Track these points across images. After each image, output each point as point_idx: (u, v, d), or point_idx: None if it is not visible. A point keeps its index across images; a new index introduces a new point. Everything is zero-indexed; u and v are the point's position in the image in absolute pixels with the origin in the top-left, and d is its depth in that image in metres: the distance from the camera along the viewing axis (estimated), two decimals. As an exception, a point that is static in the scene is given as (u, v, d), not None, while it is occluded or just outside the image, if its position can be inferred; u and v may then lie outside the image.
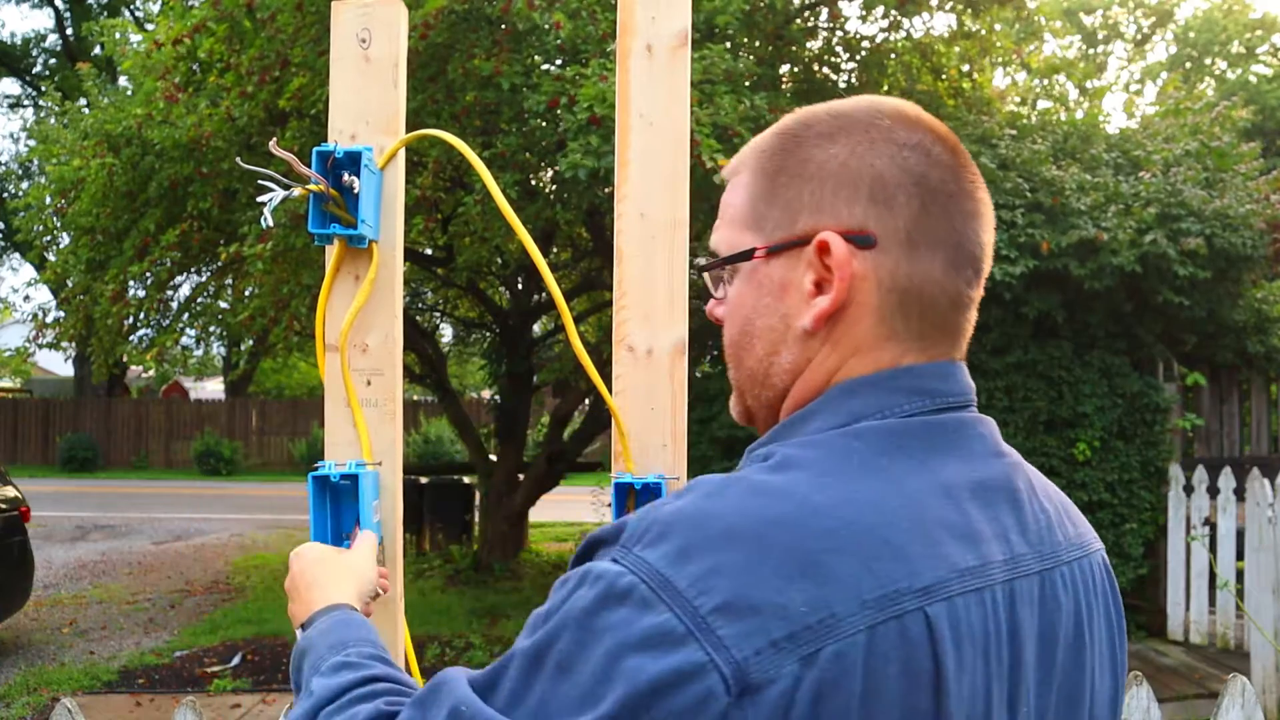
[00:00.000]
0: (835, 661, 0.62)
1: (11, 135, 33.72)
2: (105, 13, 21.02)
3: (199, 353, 12.83)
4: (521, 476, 8.82)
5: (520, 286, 9.24)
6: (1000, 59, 7.12)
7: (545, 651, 0.65)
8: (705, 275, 0.86)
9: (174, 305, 8.09)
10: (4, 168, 22.61)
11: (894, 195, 0.74)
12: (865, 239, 0.74)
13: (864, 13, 6.49)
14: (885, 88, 6.57)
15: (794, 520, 0.65)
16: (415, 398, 19.49)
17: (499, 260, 8.33)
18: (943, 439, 0.74)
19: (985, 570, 0.70)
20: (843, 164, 0.76)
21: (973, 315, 0.79)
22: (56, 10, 22.86)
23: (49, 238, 8.15)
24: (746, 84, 5.46)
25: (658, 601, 0.62)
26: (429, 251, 8.45)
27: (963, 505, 0.71)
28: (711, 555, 0.63)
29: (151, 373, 24.10)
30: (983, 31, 6.64)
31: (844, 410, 0.74)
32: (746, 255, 0.79)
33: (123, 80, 9.58)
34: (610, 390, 1.24)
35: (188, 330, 8.36)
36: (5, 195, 21.26)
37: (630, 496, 1.20)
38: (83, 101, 8.55)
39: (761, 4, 5.61)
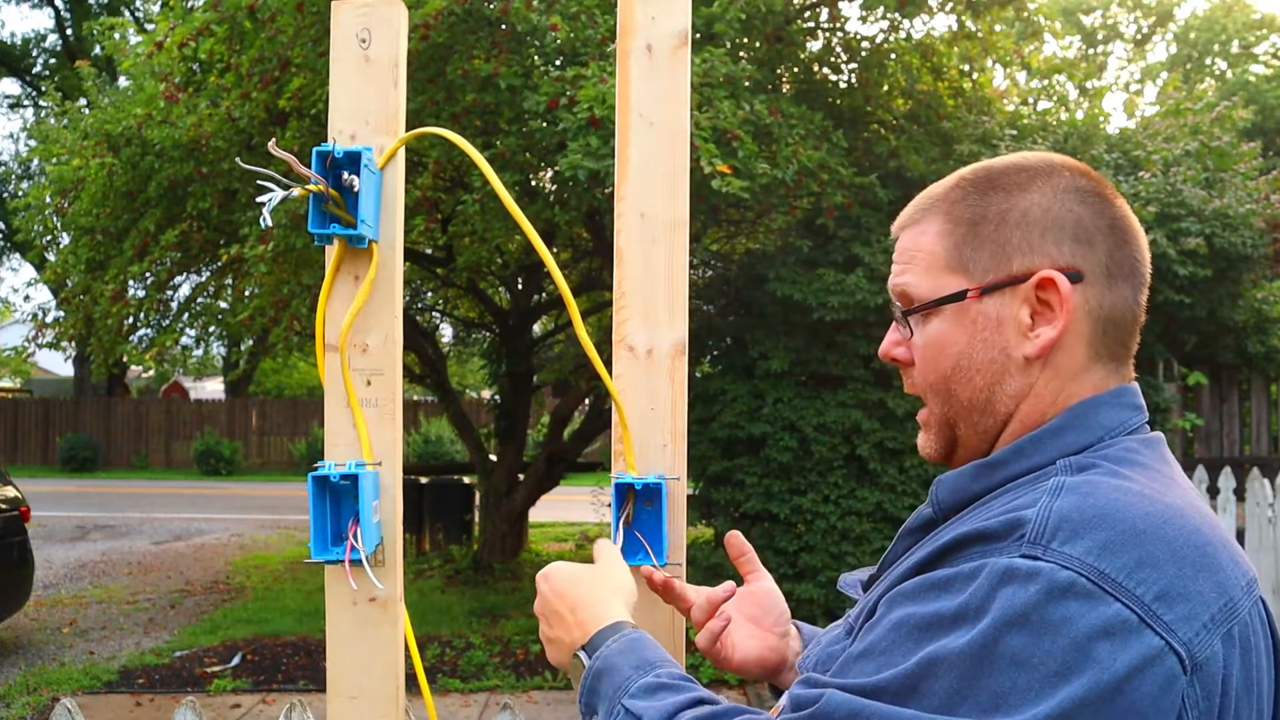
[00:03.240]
0: (1239, 641, 0.73)
1: (11, 135, 33.72)
2: (105, 13, 21.02)
3: (199, 353, 12.83)
4: (521, 476, 8.82)
5: (520, 286, 9.23)
6: (1000, 59, 7.11)
7: (990, 650, 0.69)
8: (901, 318, 0.93)
9: (174, 305, 8.08)
10: (4, 168, 22.60)
11: (1093, 235, 0.86)
12: (1075, 275, 0.85)
13: (864, 13, 6.48)
14: (885, 88, 6.56)
15: (1175, 520, 0.74)
16: (415, 398, 19.49)
17: (499, 260, 8.33)
18: (1168, 451, 0.87)
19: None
20: (1045, 210, 0.86)
21: (1139, 331, 0.92)
22: (56, 10, 22.86)
23: (49, 238, 8.14)
24: (746, 85, 5.46)
25: (1102, 594, 0.69)
26: (429, 251, 8.45)
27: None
28: (1134, 549, 0.71)
29: (151, 373, 24.12)
30: (981, 34, 6.63)
31: (1095, 426, 0.84)
32: (960, 296, 0.88)
33: (123, 80, 9.58)
34: (610, 390, 1.24)
35: (188, 330, 8.36)
36: (5, 195, 21.25)
37: (630, 496, 1.20)
38: (83, 101, 8.55)
39: (761, 6, 5.60)
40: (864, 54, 6.58)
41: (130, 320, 7.43)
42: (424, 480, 9.89)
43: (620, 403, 1.22)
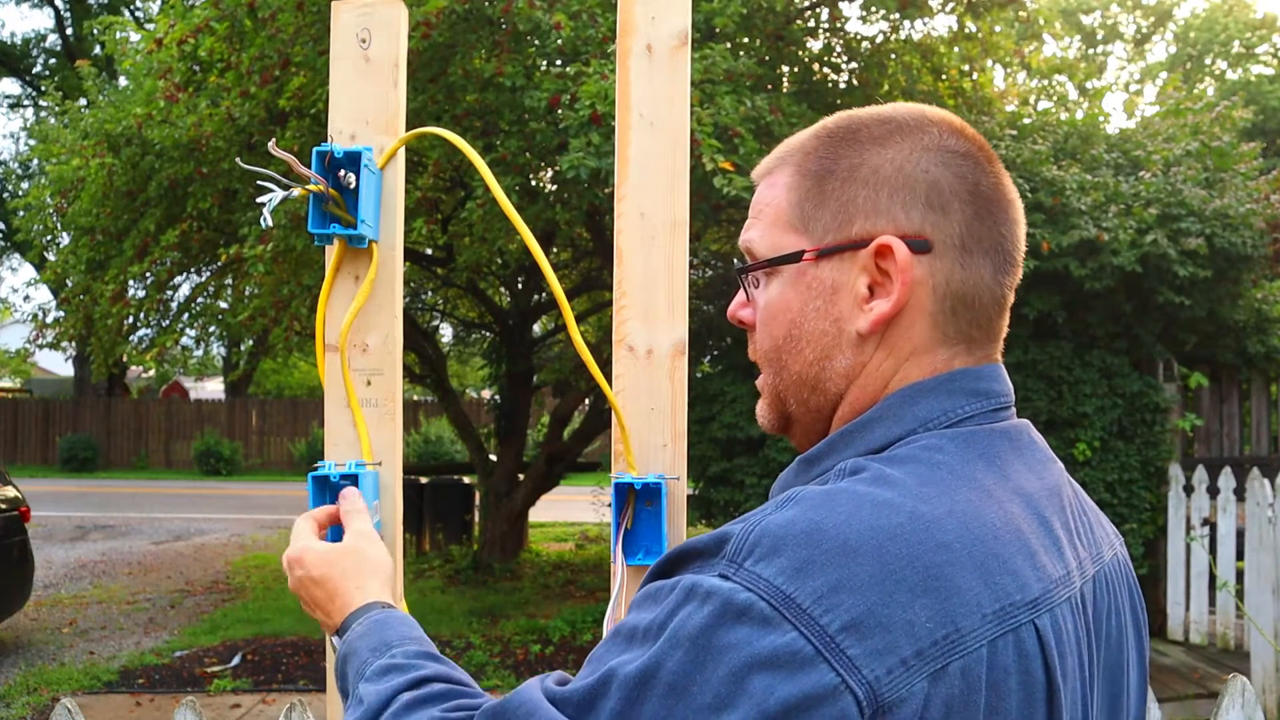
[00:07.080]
0: (962, 677, 0.62)
1: (11, 135, 33.71)
2: (105, 12, 21.01)
3: (199, 353, 12.83)
4: (521, 476, 8.82)
5: (520, 286, 9.24)
6: (1000, 59, 7.11)
7: (654, 672, 0.62)
8: (740, 277, 0.85)
9: (174, 305, 8.08)
10: (4, 168, 22.61)
11: (949, 202, 0.76)
12: (922, 244, 0.75)
13: (864, 13, 6.48)
14: (885, 88, 6.57)
15: (909, 534, 0.64)
16: (415, 398, 19.49)
17: (499, 260, 8.33)
18: (1010, 447, 0.75)
19: (1069, 578, 0.72)
20: (898, 169, 0.76)
21: (1008, 315, 0.81)
22: (56, 10, 22.86)
23: (49, 238, 8.14)
24: (747, 84, 5.46)
25: (781, 620, 0.60)
26: (429, 252, 8.45)
27: (1042, 514, 0.73)
28: (833, 571, 0.61)
29: (151, 373, 24.12)
30: (981, 34, 6.63)
31: (909, 417, 0.74)
32: (795, 257, 0.78)
33: (123, 80, 9.58)
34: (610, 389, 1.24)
35: (188, 330, 8.36)
36: (5, 195, 21.26)
37: (630, 496, 1.20)
38: (83, 101, 8.55)
39: (762, 4, 5.60)
40: (864, 54, 6.58)
41: (130, 320, 7.43)
42: (424, 480, 9.89)
43: (618, 405, 1.22)
